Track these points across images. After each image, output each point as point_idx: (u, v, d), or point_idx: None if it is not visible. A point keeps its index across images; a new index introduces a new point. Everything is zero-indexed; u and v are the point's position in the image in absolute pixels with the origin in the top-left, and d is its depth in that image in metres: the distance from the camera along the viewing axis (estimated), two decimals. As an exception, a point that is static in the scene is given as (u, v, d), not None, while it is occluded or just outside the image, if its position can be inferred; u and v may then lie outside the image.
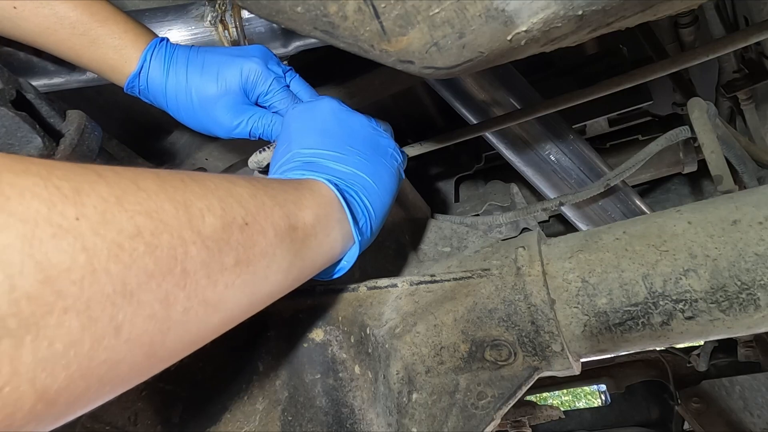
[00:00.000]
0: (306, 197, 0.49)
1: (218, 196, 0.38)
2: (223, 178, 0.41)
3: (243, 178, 0.44)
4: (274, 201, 0.44)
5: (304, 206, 0.48)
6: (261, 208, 0.42)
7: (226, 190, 0.39)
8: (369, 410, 0.60)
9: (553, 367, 0.58)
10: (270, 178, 0.49)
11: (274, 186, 0.46)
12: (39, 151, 0.42)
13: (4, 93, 0.42)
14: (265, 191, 0.44)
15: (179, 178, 0.36)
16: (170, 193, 0.34)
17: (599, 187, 0.81)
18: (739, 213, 0.54)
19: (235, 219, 0.38)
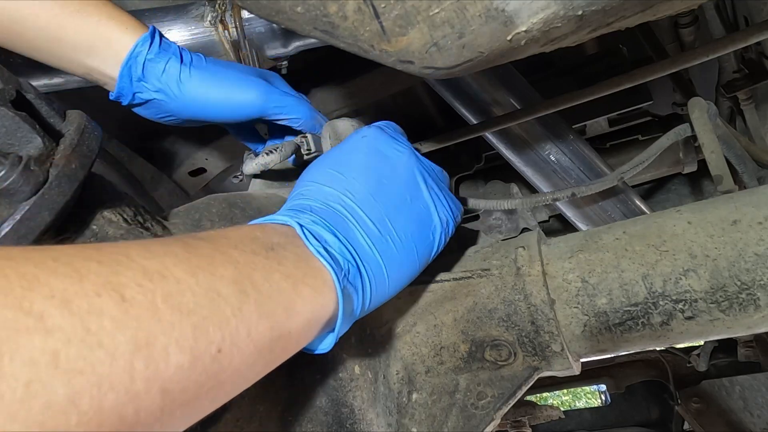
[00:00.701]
0: (302, 301, 0.42)
1: (193, 323, 0.32)
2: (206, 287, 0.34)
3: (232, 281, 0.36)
4: (261, 311, 0.37)
5: (296, 313, 0.41)
6: (243, 325, 0.36)
7: (207, 308, 0.33)
8: (369, 410, 0.60)
9: (553, 367, 0.58)
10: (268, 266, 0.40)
11: (268, 289, 0.39)
12: (39, 151, 0.42)
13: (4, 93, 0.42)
14: (255, 299, 0.37)
15: (149, 303, 0.30)
16: (131, 329, 0.28)
17: (613, 180, 0.80)
18: (739, 213, 0.54)
19: (208, 348, 0.33)
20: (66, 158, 0.44)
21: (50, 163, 0.43)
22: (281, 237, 0.44)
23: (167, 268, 0.33)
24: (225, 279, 0.36)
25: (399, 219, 0.53)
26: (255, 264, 0.39)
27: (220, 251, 0.38)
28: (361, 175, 0.54)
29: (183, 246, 0.36)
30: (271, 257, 0.41)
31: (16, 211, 0.40)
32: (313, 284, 0.43)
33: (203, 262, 0.35)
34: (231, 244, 0.40)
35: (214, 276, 0.35)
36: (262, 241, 0.42)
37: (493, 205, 0.85)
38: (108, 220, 0.50)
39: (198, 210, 0.65)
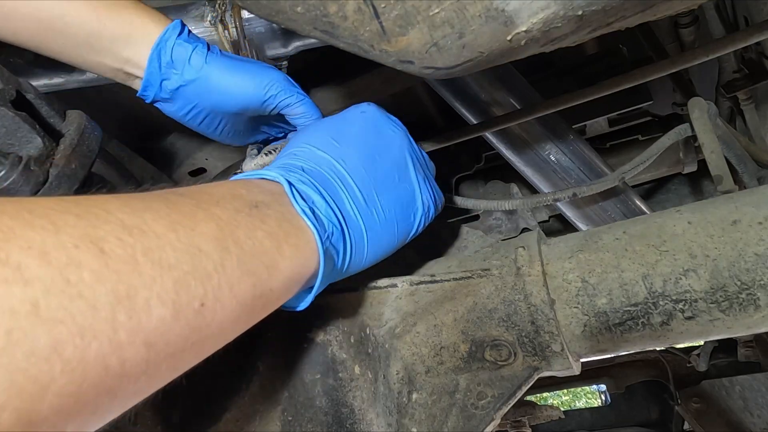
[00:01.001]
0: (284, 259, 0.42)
1: (174, 277, 0.32)
2: (186, 243, 0.34)
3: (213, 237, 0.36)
4: (243, 268, 0.37)
5: (278, 270, 0.41)
6: (225, 281, 0.36)
7: (187, 264, 0.33)
8: (369, 410, 0.60)
9: (553, 367, 0.58)
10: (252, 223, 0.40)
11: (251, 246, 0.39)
12: (39, 151, 0.42)
13: (4, 93, 0.42)
14: (237, 256, 0.37)
15: (128, 257, 0.30)
16: (111, 282, 0.28)
17: (613, 180, 0.80)
18: (739, 213, 0.54)
19: (191, 302, 0.33)
20: (66, 158, 0.44)
21: (50, 163, 0.43)
22: (266, 195, 0.45)
23: (146, 223, 0.32)
24: (206, 236, 0.36)
25: (385, 194, 0.56)
26: (237, 221, 0.39)
27: (202, 208, 0.38)
28: (356, 147, 0.56)
29: (164, 201, 0.36)
30: (254, 215, 0.41)
31: (16, 211, 0.40)
32: (296, 243, 0.43)
33: (184, 218, 0.35)
34: (213, 200, 0.39)
35: (194, 232, 0.35)
36: (245, 199, 0.42)
37: (493, 205, 0.85)
38: (108, 220, 0.50)
39: (198, 210, 0.65)
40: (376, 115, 0.61)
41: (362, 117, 0.60)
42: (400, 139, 0.60)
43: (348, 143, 0.56)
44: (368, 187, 0.54)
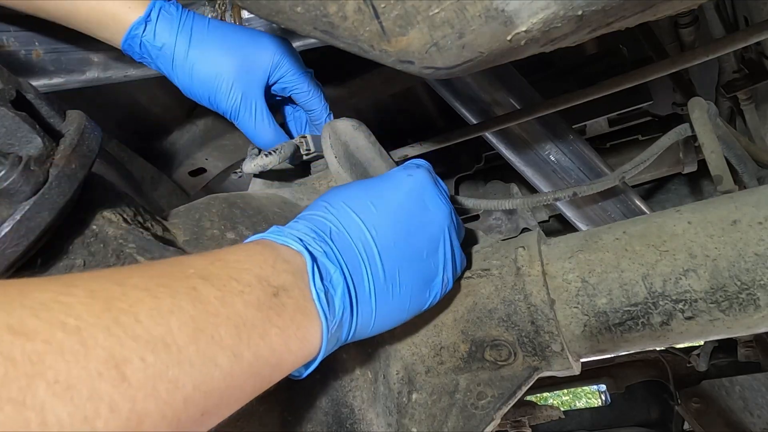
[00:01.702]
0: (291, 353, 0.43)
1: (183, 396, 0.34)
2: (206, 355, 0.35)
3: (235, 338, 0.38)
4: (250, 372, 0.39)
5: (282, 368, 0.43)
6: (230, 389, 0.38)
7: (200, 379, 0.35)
8: (369, 410, 0.60)
9: (553, 367, 0.58)
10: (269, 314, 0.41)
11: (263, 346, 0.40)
12: (39, 151, 0.42)
13: (4, 93, 0.42)
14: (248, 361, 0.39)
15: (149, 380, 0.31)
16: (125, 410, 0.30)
17: (614, 180, 0.80)
18: (739, 213, 0.54)
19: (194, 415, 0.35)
20: (66, 158, 0.44)
21: (50, 163, 0.43)
22: (289, 275, 0.44)
23: (171, 332, 0.34)
24: (224, 343, 0.37)
25: (408, 271, 0.52)
26: (255, 322, 0.40)
27: (226, 304, 0.39)
28: (393, 219, 0.52)
29: (191, 299, 0.37)
30: (273, 307, 0.42)
31: (16, 211, 0.40)
32: (304, 337, 0.44)
33: (207, 323, 0.37)
34: (237, 290, 0.40)
35: (213, 341, 0.36)
36: (269, 284, 0.43)
37: (493, 205, 0.85)
38: (108, 220, 0.50)
39: (198, 210, 0.65)
40: (425, 183, 0.56)
41: (409, 183, 0.55)
42: (443, 215, 0.55)
43: (386, 212, 0.52)
44: (392, 264, 0.51)
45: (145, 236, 0.52)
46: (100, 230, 0.49)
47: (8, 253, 0.40)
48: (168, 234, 0.59)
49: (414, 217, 0.53)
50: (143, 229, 0.54)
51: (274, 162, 0.71)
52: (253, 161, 0.71)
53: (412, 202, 0.54)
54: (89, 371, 0.29)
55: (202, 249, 0.61)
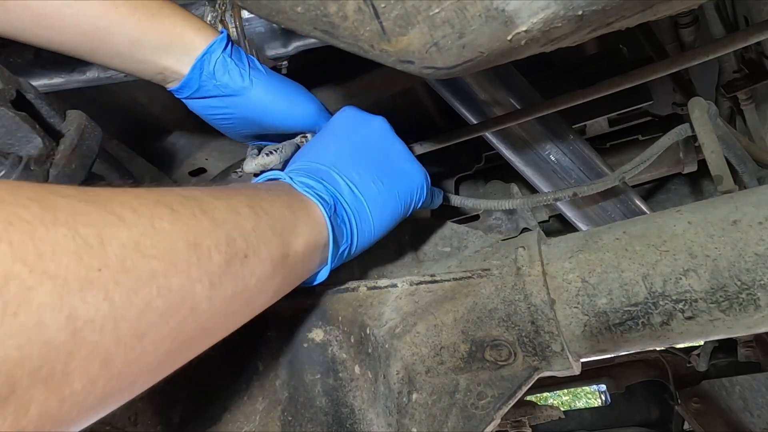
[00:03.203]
0: (301, 224, 0.51)
1: (225, 231, 0.40)
2: (229, 208, 0.43)
3: (247, 205, 0.45)
4: (272, 231, 0.46)
5: (298, 234, 0.50)
6: (261, 240, 0.44)
7: (232, 223, 0.42)
8: (369, 410, 0.60)
9: (553, 367, 0.58)
10: (271, 198, 0.50)
11: (274, 213, 0.48)
12: (39, 151, 0.42)
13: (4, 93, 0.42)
14: (266, 220, 0.46)
15: (191, 214, 0.39)
16: (183, 232, 0.37)
17: (614, 180, 0.80)
18: (739, 213, 0.54)
19: (238, 253, 0.41)
20: (66, 158, 0.44)
21: (50, 163, 0.43)
22: (275, 184, 0.55)
23: (195, 195, 0.41)
24: (241, 203, 0.45)
25: (379, 168, 0.63)
26: (260, 196, 0.48)
27: (231, 189, 0.47)
28: (342, 138, 0.65)
29: (197, 189, 0.44)
30: (271, 191, 0.51)
31: (16, 211, 0.40)
32: (307, 214, 0.52)
33: (221, 193, 0.44)
34: (234, 188, 0.49)
35: (231, 201, 0.44)
36: (259, 186, 0.53)
37: (493, 205, 0.85)
38: (108, 220, 0.50)
39: (198, 210, 0.65)
40: (353, 109, 0.70)
41: (341, 115, 0.69)
42: (381, 121, 0.69)
43: (334, 139, 0.65)
44: (361, 165, 0.61)
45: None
46: (100, 230, 0.49)
47: (8, 253, 0.40)
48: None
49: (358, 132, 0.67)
50: (143, 229, 0.54)
51: (275, 161, 0.71)
52: (253, 161, 0.71)
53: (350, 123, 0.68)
54: (146, 202, 0.37)
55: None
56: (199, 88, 0.70)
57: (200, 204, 0.40)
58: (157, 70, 0.69)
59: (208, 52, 0.67)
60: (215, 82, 0.69)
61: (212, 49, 0.67)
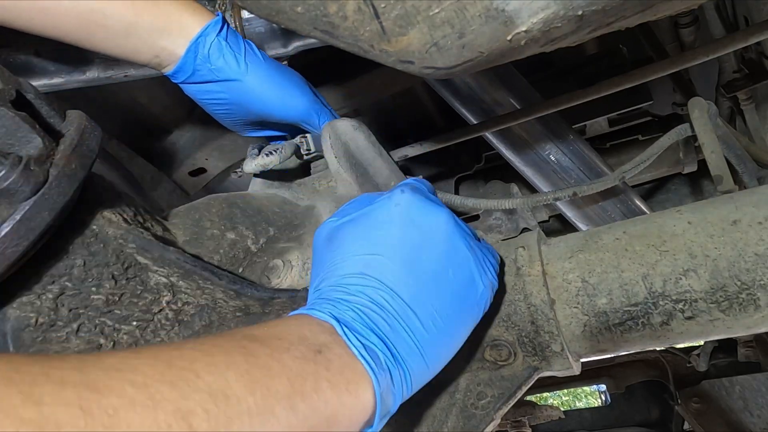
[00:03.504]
0: (345, 407, 0.42)
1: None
2: (264, 405, 0.37)
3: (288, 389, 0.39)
4: (306, 425, 0.39)
5: (337, 422, 0.42)
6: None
7: (260, 429, 0.36)
8: (369, 410, 0.60)
9: (553, 367, 0.58)
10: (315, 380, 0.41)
11: (316, 398, 0.40)
12: (39, 151, 0.42)
13: (4, 93, 0.42)
14: (303, 413, 0.39)
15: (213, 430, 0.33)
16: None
17: (614, 179, 0.80)
18: (739, 213, 0.54)
19: None
20: (66, 158, 0.44)
21: (50, 163, 0.43)
22: (326, 335, 0.44)
23: (229, 385, 0.36)
24: (279, 395, 0.38)
25: (441, 298, 0.50)
26: (306, 373, 0.41)
27: (275, 358, 0.40)
28: (398, 256, 0.49)
29: (243, 354, 0.39)
30: (320, 362, 0.42)
31: (16, 211, 0.40)
32: (356, 392, 0.43)
33: (261, 374, 0.38)
34: (284, 347, 0.41)
35: (269, 392, 0.38)
36: (310, 342, 0.43)
37: (493, 205, 0.85)
38: (108, 220, 0.50)
39: (198, 210, 0.65)
40: (412, 204, 0.52)
41: (397, 212, 0.51)
42: (445, 224, 0.51)
43: (388, 253, 0.49)
44: (420, 300, 0.48)
45: (145, 236, 0.52)
46: (100, 230, 0.49)
47: (8, 253, 0.40)
48: (168, 234, 0.59)
49: (416, 245, 0.50)
50: (143, 229, 0.54)
51: (275, 162, 0.71)
52: (253, 161, 0.71)
53: (407, 230, 0.51)
54: (159, 423, 0.31)
55: (202, 248, 0.61)
56: (194, 73, 0.69)
57: (228, 408, 0.35)
58: (153, 53, 0.68)
59: (202, 35, 0.67)
60: (210, 66, 0.68)
61: (207, 32, 0.67)
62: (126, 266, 0.50)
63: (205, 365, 0.36)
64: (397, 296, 0.48)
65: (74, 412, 0.29)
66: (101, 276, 0.49)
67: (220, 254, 0.62)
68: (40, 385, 0.29)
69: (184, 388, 0.33)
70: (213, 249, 0.61)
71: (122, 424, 0.30)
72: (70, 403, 0.29)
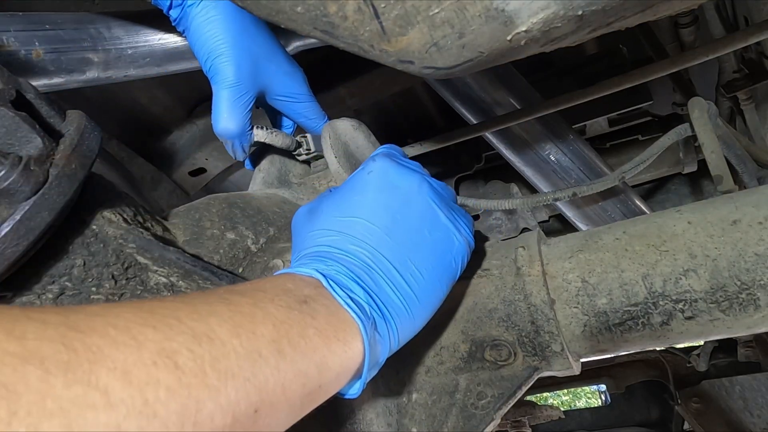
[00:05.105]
0: (333, 354, 0.43)
1: (236, 386, 0.35)
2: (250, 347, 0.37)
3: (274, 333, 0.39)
4: (295, 369, 0.40)
5: (327, 368, 0.43)
6: (279, 384, 0.38)
7: (248, 370, 0.36)
8: (369, 410, 0.60)
9: (553, 367, 0.58)
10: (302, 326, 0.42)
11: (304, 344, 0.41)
12: (39, 151, 0.42)
13: (4, 93, 0.42)
14: (291, 356, 0.39)
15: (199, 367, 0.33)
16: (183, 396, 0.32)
17: (613, 179, 0.80)
18: (739, 213, 0.54)
19: (247, 410, 0.36)
20: (66, 158, 0.44)
21: (50, 163, 0.43)
22: (311, 288, 0.45)
23: (213, 329, 0.36)
24: (265, 338, 0.38)
25: (420, 254, 0.52)
26: (291, 320, 0.41)
27: (260, 307, 0.40)
28: (376, 216, 0.52)
29: (225, 304, 0.39)
30: (305, 311, 0.43)
31: (16, 211, 0.41)
32: (344, 338, 0.44)
33: (245, 320, 0.38)
34: (268, 298, 0.41)
35: (254, 335, 0.38)
36: (294, 294, 0.44)
37: (493, 205, 0.85)
38: (108, 220, 0.50)
39: (198, 210, 0.65)
40: (386, 169, 0.56)
41: (372, 178, 0.55)
42: (419, 185, 0.55)
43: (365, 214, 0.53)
44: (400, 256, 0.51)
45: (145, 236, 0.52)
46: (100, 230, 0.49)
47: (8, 253, 0.40)
48: (168, 234, 0.59)
49: (392, 205, 0.54)
50: (143, 229, 0.54)
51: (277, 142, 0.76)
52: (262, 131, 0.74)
53: (382, 192, 0.54)
54: (144, 360, 0.31)
55: (202, 248, 0.61)
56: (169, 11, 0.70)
57: (213, 348, 0.34)
58: None
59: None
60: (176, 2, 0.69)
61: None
62: (126, 266, 0.50)
63: (187, 313, 0.36)
64: (378, 253, 0.51)
65: (57, 348, 0.28)
66: (101, 276, 0.49)
67: (220, 254, 0.62)
68: (22, 323, 0.28)
69: (168, 331, 0.33)
70: (213, 249, 0.61)
71: (107, 360, 0.29)
72: (54, 339, 0.28)
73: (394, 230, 0.52)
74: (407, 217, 0.53)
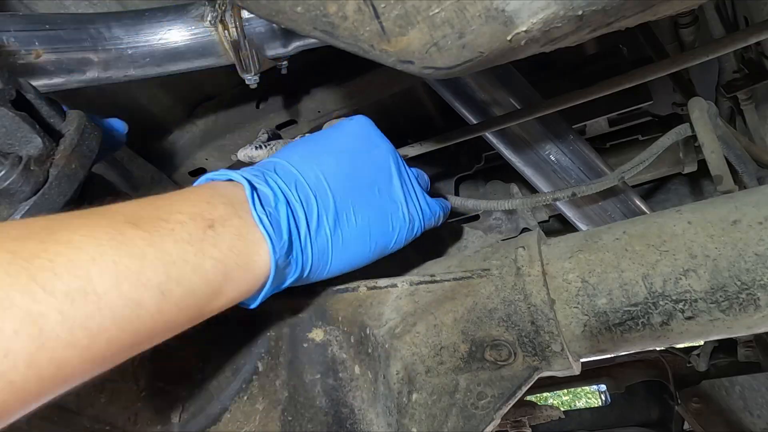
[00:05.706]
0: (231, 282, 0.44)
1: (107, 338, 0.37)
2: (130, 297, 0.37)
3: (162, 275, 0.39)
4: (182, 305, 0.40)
5: (222, 295, 0.44)
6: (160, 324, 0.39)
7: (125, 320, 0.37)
8: (369, 410, 0.60)
9: (553, 367, 0.58)
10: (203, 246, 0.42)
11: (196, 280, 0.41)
12: (39, 151, 0.42)
13: (4, 93, 0.42)
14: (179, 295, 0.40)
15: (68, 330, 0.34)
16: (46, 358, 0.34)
17: (613, 179, 0.80)
18: (739, 213, 0.54)
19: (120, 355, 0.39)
20: (66, 158, 0.44)
21: (50, 163, 0.43)
22: (227, 207, 0.45)
23: (91, 282, 0.35)
24: (151, 283, 0.38)
25: (362, 204, 0.55)
26: (186, 257, 0.41)
27: (154, 245, 0.39)
28: (339, 153, 0.56)
29: (115, 243, 0.38)
30: (207, 239, 0.42)
31: (16, 211, 0.41)
32: (246, 263, 0.44)
33: (133, 264, 0.38)
34: (168, 228, 0.41)
35: (138, 282, 0.37)
36: (203, 218, 0.43)
37: (493, 205, 0.85)
38: (108, 220, 0.50)
39: (198, 210, 0.65)
40: (365, 124, 0.61)
41: (349, 125, 0.60)
42: (386, 149, 0.60)
43: (331, 149, 0.56)
44: (343, 194, 0.53)
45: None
46: (100, 230, 0.49)
47: (8, 253, 0.40)
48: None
49: (358, 154, 0.57)
50: (143, 229, 0.54)
51: (262, 156, 0.73)
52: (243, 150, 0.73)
53: (353, 139, 0.58)
54: (5, 332, 0.32)
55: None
56: None
57: (86, 307, 0.35)
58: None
59: None
60: None
61: None
62: (126, 266, 0.50)
63: (67, 262, 0.35)
64: (325, 182, 0.52)
65: None
66: (101, 276, 0.48)
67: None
68: None
69: (38, 292, 0.33)
70: (213, 249, 0.61)
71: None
72: None
73: (351, 173, 0.55)
74: (366, 168, 0.57)
